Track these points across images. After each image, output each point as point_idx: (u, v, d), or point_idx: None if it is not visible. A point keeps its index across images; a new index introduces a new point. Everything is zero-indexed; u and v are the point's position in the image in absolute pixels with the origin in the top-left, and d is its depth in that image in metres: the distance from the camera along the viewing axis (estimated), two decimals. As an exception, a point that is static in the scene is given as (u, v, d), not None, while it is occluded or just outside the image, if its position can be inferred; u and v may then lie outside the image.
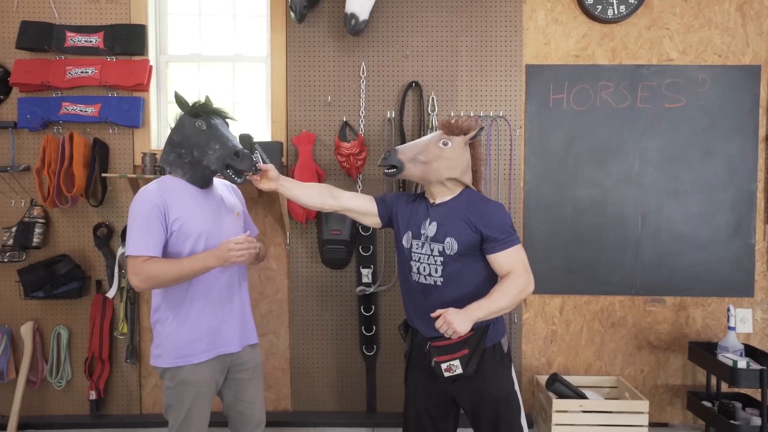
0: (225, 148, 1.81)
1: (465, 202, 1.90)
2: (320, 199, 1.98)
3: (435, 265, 1.89)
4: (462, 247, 1.85)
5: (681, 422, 2.82)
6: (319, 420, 2.77)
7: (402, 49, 2.76)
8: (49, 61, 2.71)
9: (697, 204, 2.75)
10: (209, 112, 1.87)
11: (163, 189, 1.83)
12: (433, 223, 1.89)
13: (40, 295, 2.65)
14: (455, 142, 1.90)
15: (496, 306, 1.75)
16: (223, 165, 1.81)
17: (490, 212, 1.85)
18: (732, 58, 2.73)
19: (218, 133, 1.83)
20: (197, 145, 1.83)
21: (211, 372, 1.89)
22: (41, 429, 2.75)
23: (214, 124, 1.85)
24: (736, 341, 2.54)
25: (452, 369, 1.83)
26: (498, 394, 1.90)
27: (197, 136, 1.83)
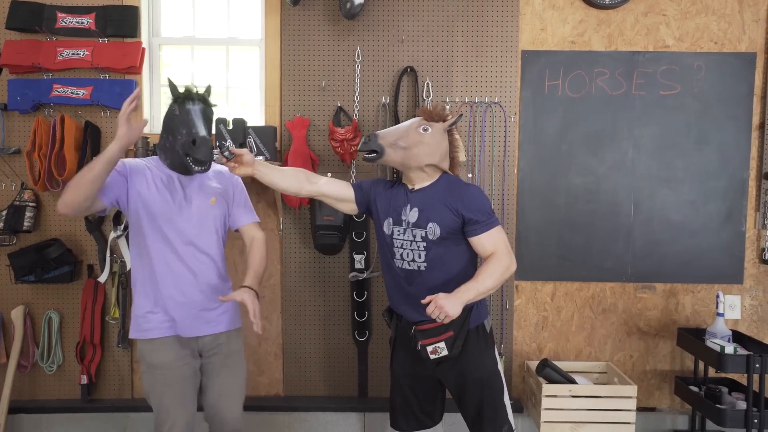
0: (187, 135, 1.80)
1: (444, 187, 1.93)
2: (297, 184, 1.97)
3: (418, 251, 1.91)
4: (444, 232, 1.88)
5: (668, 406, 2.86)
6: (310, 405, 2.79)
7: (397, 34, 2.73)
8: (40, 42, 2.67)
9: (690, 192, 2.77)
10: (187, 97, 1.87)
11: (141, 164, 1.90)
12: (414, 209, 1.91)
13: (31, 279, 2.63)
14: (435, 129, 1.92)
15: (484, 287, 1.79)
16: (183, 152, 1.81)
17: (471, 196, 1.89)
18: (728, 45, 2.73)
19: (188, 118, 1.82)
20: (170, 129, 1.86)
21: (176, 355, 1.89)
22: (32, 413, 2.75)
23: (187, 109, 1.84)
24: (724, 327, 2.57)
25: (438, 351, 1.87)
26: (482, 374, 1.95)
27: (171, 120, 1.85)
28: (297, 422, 2.80)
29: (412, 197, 1.94)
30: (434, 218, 1.88)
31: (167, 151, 1.90)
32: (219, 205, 1.99)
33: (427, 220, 1.89)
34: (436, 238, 1.88)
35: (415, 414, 2.07)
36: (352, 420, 2.81)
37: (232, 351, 2.03)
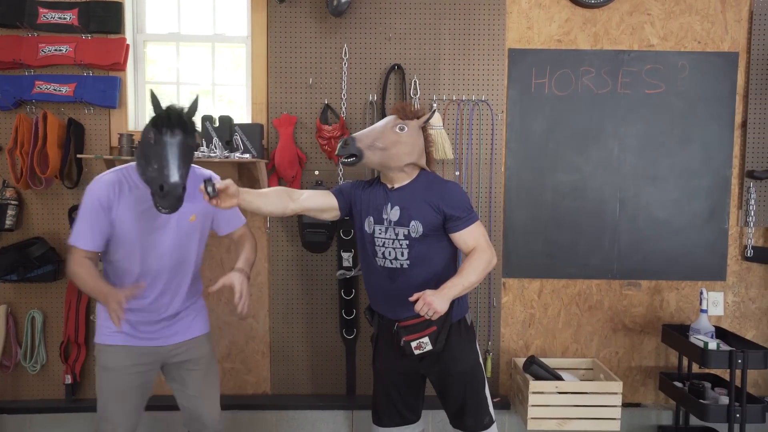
0: (158, 175, 1.64)
1: (424, 185, 1.95)
2: (281, 204, 1.91)
3: (401, 249, 1.92)
4: (427, 229, 1.90)
5: (653, 402, 2.90)
6: (298, 403, 2.78)
7: (385, 32, 2.73)
8: (21, 38, 2.62)
9: (674, 190, 2.80)
10: (167, 123, 1.67)
11: (117, 181, 1.79)
12: (395, 208, 1.93)
13: (14, 278, 2.59)
14: (410, 127, 1.93)
15: (468, 282, 1.83)
16: (150, 188, 1.69)
17: (451, 193, 1.92)
18: (711, 45, 2.76)
19: (162, 153, 1.64)
20: (144, 156, 1.70)
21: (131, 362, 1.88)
22: (15, 413, 2.72)
23: (164, 141, 1.65)
24: (707, 323, 2.61)
25: (422, 346, 1.89)
26: (464, 367, 1.99)
27: (146, 146, 1.69)
28: (285, 420, 2.79)
29: (392, 196, 1.95)
30: (416, 216, 1.90)
31: (141, 173, 1.75)
32: (199, 221, 1.94)
33: (410, 218, 1.90)
34: (418, 236, 1.90)
35: (398, 409, 2.09)
36: (339, 418, 2.80)
37: (203, 354, 2.02)
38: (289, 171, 2.65)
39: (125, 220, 1.80)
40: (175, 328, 1.96)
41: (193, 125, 1.75)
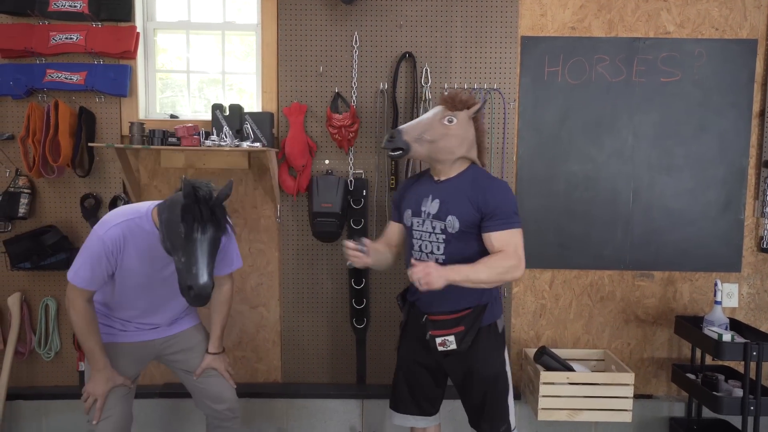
0: (185, 272, 1.62)
1: (470, 180, 1.88)
2: (388, 252, 2.03)
3: (437, 243, 1.88)
4: (463, 225, 1.83)
5: (665, 394, 2.88)
6: (309, 391, 2.79)
7: (396, 19, 2.70)
8: (32, 26, 2.62)
9: (689, 180, 2.75)
10: (200, 220, 1.62)
11: (125, 236, 1.77)
12: (436, 201, 1.88)
13: (27, 266, 2.62)
14: (460, 118, 1.85)
15: (476, 275, 1.75)
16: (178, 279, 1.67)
17: (493, 191, 1.83)
18: (729, 32, 2.71)
19: (192, 251, 1.61)
20: (171, 239, 1.68)
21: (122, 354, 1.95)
22: (30, 399, 2.76)
23: (194, 238, 1.61)
24: (721, 315, 2.58)
25: (446, 344, 1.85)
26: (487, 372, 1.93)
27: (175, 234, 1.65)
28: (295, 409, 2.81)
29: (435, 188, 1.90)
30: (454, 211, 1.84)
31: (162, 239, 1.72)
32: None
33: (447, 213, 1.85)
34: (455, 232, 1.84)
35: (416, 400, 2.07)
36: (350, 406, 2.81)
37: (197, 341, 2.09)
38: (300, 160, 2.64)
39: (127, 276, 1.83)
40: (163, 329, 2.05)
41: (225, 217, 1.69)
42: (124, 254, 1.79)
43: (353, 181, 2.72)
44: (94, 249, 1.77)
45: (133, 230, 1.78)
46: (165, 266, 1.86)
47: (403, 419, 2.11)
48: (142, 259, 1.81)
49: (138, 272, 1.83)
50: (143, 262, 1.82)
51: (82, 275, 1.79)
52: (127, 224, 1.79)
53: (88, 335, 1.83)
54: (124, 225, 1.78)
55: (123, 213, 1.83)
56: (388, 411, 2.16)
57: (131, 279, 1.84)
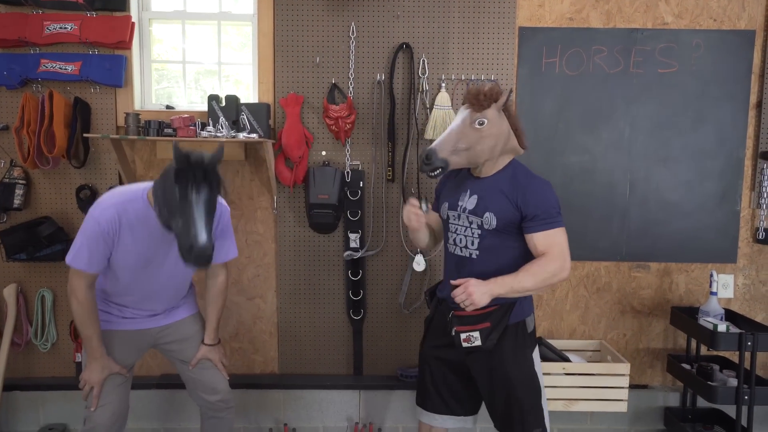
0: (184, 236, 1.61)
1: (510, 177, 1.84)
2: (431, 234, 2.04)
3: (472, 237, 1.85)
4: (500, 223, 1.80)
5: (660, 384, 2.90)
6: (305, 382, 2.80)
7: (393, 9, 2.68)
8: (26, 16, 2.60)
9: (686, 171, 2.76)
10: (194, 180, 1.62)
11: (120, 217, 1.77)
12: (474, 196, 1.85)
13: (23, 257, 2.61)
14: (490, 116, 1.78)
15: (520, 285, 1.71)
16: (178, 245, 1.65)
17: (534, 190, 1.79)
18: (727, 23, 2.70)
19: (189, 213, 1.61)
20: (169, 207, 1.66)
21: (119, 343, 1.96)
22: (27, 390, 2.76)
23: (190, 199, 1.61)
24: (717, 306, 2.59)
25: (471, 340, 1.80)
26: (512, 373, 1.84)
27: (171, 199, 1.63)
28: (292, 399, 2.82)
29: (474, 184, 1.87)
30: (492, 208, 1.80)
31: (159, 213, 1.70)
32: None
33: (485, 209, 1.81)
34: (491, 228, 1.81)
35: (443, 397, 1.99)
36: (347, 397, 2.82)
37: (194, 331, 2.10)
38: (296, 151, 2.64)
39: (123, 258, 1.82)
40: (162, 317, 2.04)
41: (218, 178, 1.68)
42: (120, 234, 1.77)
43: (350, 172, 2.72)
44: (90, 231, 1.76)
45: (128, 211, 1.77)
46: (162, 249, 1.85)
47: (430, 417, 2.03)
48: (139, 240, 1.80)
49: (135, 254, 1.82)
50: (140, 243, 1.81)
51: (80, 257, 1.77)
52: (123, 205, 1.78)
53: (88, 323, 1.83)
54: (119, 206, 1.77)
55: (118, 193, 1.83)
56: (416, 408, 2.09)
57: (128, 260, 1.83)
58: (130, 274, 1.87)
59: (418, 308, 2.80)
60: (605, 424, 2.86)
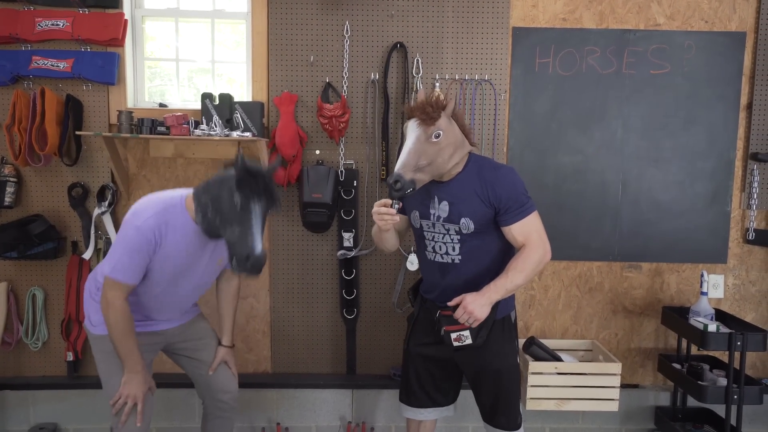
0: (241, 243, 1.64)
1: (475, 173, 1.82)
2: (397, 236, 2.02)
3: (452, 244, 1.85)
4: (478, 225, 1.81)
5: (651, 383, 2.91)
6: (299, 382, 2.80)
7: (387, 9, 2.68)
8: (17, 12, 2.58)
9: (677, 172, 2.78)
10: (258, 192, 1.66)
11: (166, 223, 1.74)
12: (444, 203, 1.83)
13: (14, 255, 2.59)
14: (443, 126, 1.76)
15: (513, 284, 1.75)
16: (231, 252, 1.69)
17: (502, 182, 1.78)
18: (718, 24, 2.72)
19: (248, 222, 1.64)
20: (223, 215, 1.67)
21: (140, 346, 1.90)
22: (17, 389, 2.74)
23: (250, 208, 1.65)
24: (707, 306, 2.61)
25: (461, 339, 1.83)
26: (501, 365, 1.91)
27: (228, 207, 1.66)
28: (286, 399, 2.82)
29: (441, 189, 1.84)
30: (466, 212, 1.80)
31: (207, 222, 1.72)
32: (223, 263, 2.00)
33: (460, 215, 1.81)
34: (470, 232, 1.82)
35: (427, 392, 2.04)
36: (340, 396, 2.82)
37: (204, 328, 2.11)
38: (290, 150, 2.63)
39: (158, 269, 1.79)
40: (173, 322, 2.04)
41: (276, 190, 1.71)
42: (162, 244, 1.74)
43: (344, 171, 2.72)
44: (131, 240, 1.71)
45: (169, 220, 1.74)
46: (196, 257, 1.84)
47: (415, 413, 2.07)
48: (178, 249, 1.77)
49: (172, 263, 1.79)
50: (177, 252, 1.78)
51: (121, 268, 1.72)
52: (163, 213, 1.74)
53: (128, 336, 1.77)
54: (160, 214, 1.73)
55: (156, 200, 1.78)
56: (399, 405, 2.13)
57: (165, 270, 1.79)
58: (162, 285, 1.84)
59: (411, 308, 2.80)
60: (597, 423, 2.88)
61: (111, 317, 1.74)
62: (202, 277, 1.93)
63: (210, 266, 1.93)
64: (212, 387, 2.07)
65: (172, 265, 1.80)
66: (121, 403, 1.80)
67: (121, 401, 1.80)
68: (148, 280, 1.82)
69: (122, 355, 1.78)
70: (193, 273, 1.87)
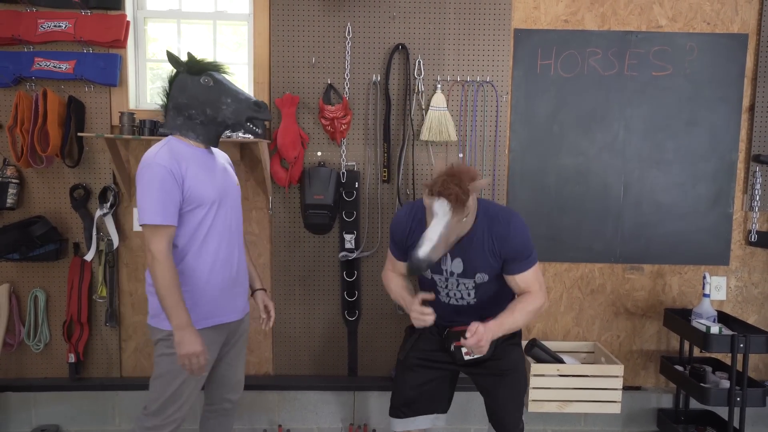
0: (240, 102, 1.80)
1: (486, 229, 1.83)
2: None
3: (467, 290, 1.92)
4: (492, 275, 1.89)
5: (654, 385, 2.91)
6: (300, 383, 2.80)
7: (389, 10, 2.68)
8: (20, 13, 2.59)
9: (679, 174, 2.77)
10: (209, 68, 1.82)
11: (175, 153, 1.75)
12: (457, 260, 1.87)
13: (16, 257, 2.59)
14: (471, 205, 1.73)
15: (514, 323, 1.84)
16: (243, 118, 1.80)
17: (512, 237, 1.82)
18: (720, 26, 2.72)
19: (227, 87, 1.81)
20: (208, 102, 1.79)
21: (210, 342, 1.84)
22: (20, 391, 2.74)
23: (218, 79, 1.82)
24: (710, 308, 2.60)
25: (471, 353, 1.87)
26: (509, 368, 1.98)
27: (206, 93, 1.79)
28: (287, 401, 2.81)
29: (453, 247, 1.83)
30: (481, 269, 1.87)
31: (202, 126, 1.82)
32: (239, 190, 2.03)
33: (474, 271, 1.87)
34: (485, 282, 1.90)
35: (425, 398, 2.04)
36: (342, 399, 2.82)
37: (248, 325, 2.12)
38: (292, 152, 2.63)
39: (199, 181, 1.78)
40: (243, 299, 2.00)
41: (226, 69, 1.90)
42: (186, 168, 1.74)
43: (345, 173, 2.72)
44: (151, 179, 1.68)
45: (174, 152, 1.76)
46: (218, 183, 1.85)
47: (406, 423, 2.05)
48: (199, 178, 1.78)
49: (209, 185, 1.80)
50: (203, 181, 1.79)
51: (152, 210, 1.67)
52: (168, 149, 1.76)
53: (175, 287, 1.70)
54: (164, 149, 1.75)
55: (155, 146, 1.79)
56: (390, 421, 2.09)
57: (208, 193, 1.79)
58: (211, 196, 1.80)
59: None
60: (599, 425, 2.87)
61: (157, 269, 1.69)
62: (237, 208, 1.95)
63: (235, 191, 1.95)
64: (225, 385, 2.05)
65: (210, 192, 1.80)
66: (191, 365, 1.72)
67: (188, 363, 1.71)
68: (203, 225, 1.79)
69: (169, 308, 1.70)
70: (228, 203, 1.88)
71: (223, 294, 1.89)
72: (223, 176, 1.91)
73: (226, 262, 1.88)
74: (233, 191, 1.95)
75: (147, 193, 1.69)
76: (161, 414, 1.83)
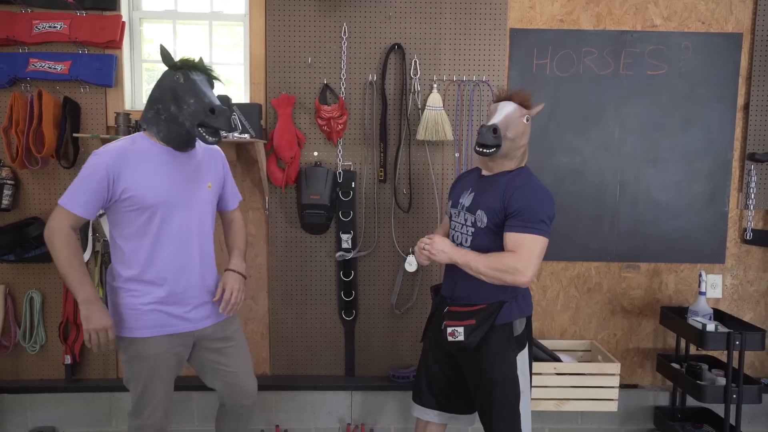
0: (200, 104, 1.70)
1: (510, 179, 1.84)
2: None
3: (466, 235, 1.89)
4: (490, 222, 1.81)
5: (650, 383, 2.92)
6: (297, 384, 2.79)
7: (385, 10, 2.69)
8: (15, 14, 2.58)
9: (675, 172, 2.78)
10: (191, 67, 1.79)
11: (124, 151, 1.74)
12: (472, 194, 1.90)
13: (11, 258, 2.58)
14: (531, 117, 1.89)
15: (474, 264, 1.76)
16: (196, 122, 1.71)
17: (524, 192, 1.78)
18: (715, 25, 2.73)
19: (195, 87, 1.73)
20: (174, 99, 1.74)
21: (168, 346, 1.82)
22: (15, 393, 2.73)
23: (193, 78, 1.75)
24: (705, 306, 2.61)
25: (455, 335, 1.84)
26: (494, 375, 1.84)
27: (174, 89, 1.74)
28: (285, 401, 2.81)
29: (476, 182, 1.93)
30: (483, 205, 1.83)
31: (165, 123, 1.76)
32: (214, 190, 1.93)
33: (477, 206, 1.86)
34: (483, 227, 1.83)
35: (434, 393, 2.02)
36: (339, 398, 2.82)
37: (235, 330, 2.01)
38: (288, 152, 2.63)
39: (142, 184, 1.73)
40: (205, 310, 1.91)
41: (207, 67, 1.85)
42: (123, 168, 1.71)
43: (342, 173, 2.72)
44: (84, 169, 1.71)
45: (128, 147, 1.76)
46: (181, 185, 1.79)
47: (422, 412, 2.05)
48: (152, 176, 1.75)
49: (154, 191, 1.74)
50: (157, 179, 1.75)
51: (69, 196, 1.70)
52: (122, 143, 1.77)
53: (77, 262, 1.70)
54: (115, 146, 1.76)
55: (121, 138, 1.82)
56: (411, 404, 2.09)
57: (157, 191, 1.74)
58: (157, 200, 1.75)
59: (410, 309, 2.81)
60: (596, 423, 2.88)
61: (56, 243, 1.68)
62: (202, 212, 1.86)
63: (202, 194, 1.87)
64: (237, 394, 2.00)
65: (158, 194, 1.74)
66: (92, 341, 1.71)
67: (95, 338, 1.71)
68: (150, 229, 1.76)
69: (72, 283, 1.70)
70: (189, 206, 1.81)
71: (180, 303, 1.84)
72: (188, 178, 1.83)
73: (182, 269, 1.82)
74: (201, 194, 1.86)
75: (76, 181, 1.73)
76: (139, 416, 1.84)
